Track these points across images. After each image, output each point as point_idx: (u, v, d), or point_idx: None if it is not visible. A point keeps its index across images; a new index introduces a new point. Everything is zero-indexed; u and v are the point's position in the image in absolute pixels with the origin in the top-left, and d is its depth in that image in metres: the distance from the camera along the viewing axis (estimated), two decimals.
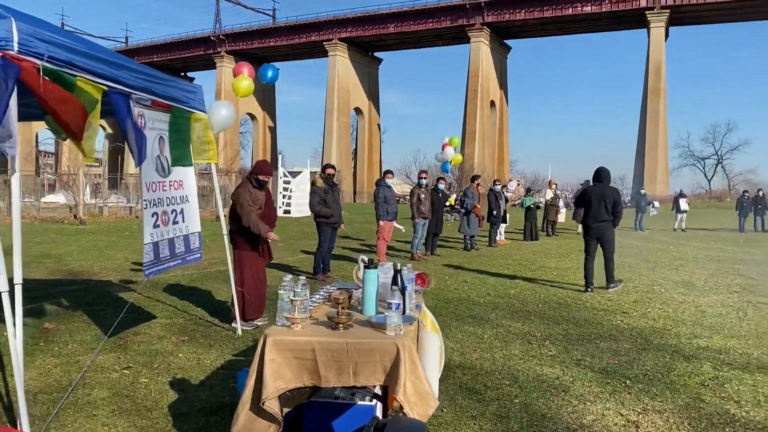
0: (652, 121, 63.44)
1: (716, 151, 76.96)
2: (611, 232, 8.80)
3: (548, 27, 71.03)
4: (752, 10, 62.67)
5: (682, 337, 6.05)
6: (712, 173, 78.28)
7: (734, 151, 77.35)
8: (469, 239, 14.73)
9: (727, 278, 10.32)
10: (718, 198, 63.50)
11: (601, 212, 8.66)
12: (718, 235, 21.63)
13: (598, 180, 8.90)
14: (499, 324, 6.52)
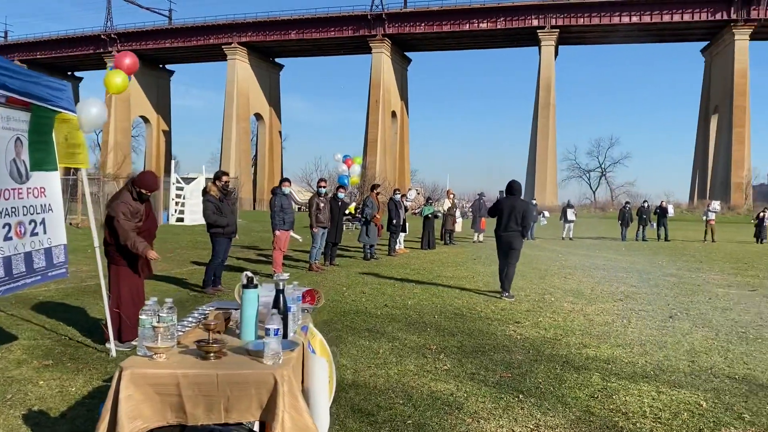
0: (542, 135, 66.63)
1: (600, 164, 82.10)
2: (519, 242, 9.22)
3: (447, 41, 73.03)
4: (630, 34, 67.42)
5: (572, 347, 6.14)
6: (597, 185, 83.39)
7: (616, 164, 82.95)
8: (369, 249, 14.61)
9: (612, 286, 10.78)
10: (602, 208, 67.53)
11: (510, 223, 9.11)
12: (602, 244, 22.82)
13: (510, 192, 9.40)
14: (395, 337, 6.37)
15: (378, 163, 69.10)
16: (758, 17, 60.07)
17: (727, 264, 15.53)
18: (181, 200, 27.78)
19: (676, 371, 5.28)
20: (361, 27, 70.37)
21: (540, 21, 64.91)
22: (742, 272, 13.64)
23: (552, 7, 64.26)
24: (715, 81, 68.57)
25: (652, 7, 62.19)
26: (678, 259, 16.79)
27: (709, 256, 18.05)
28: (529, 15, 65.21)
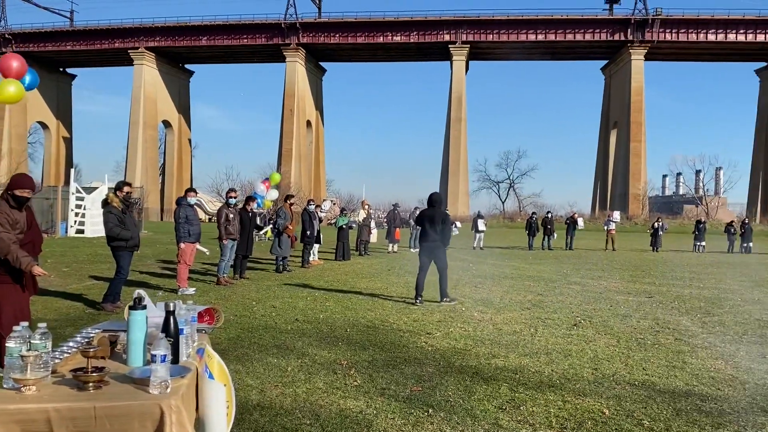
0: (454, 147, 68.20)
1: (509, 175, 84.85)
2: (441, 251, 9.65)
3: (361, 52, 73.53)
4: (536, 51, 70.48)
5: (482, 357, 6.18)
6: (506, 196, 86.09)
7: (524, 176, 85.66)
8: (281, 261, 14.30)
9: (520, 295, 11.04)
10: (510, 218, 69.82)
11: (431, 233, 9.57)
12: (511, 253, 23.50)
13: (431, 204, 9.88)
14: (305, 353, 6.18)
15: (293, 173, 68.36)
16: (652, 39, 64.29)
17: (626, 272, 16.33)
18: (82, 211, 26.27)
19: (581, 379, 5.40)
20: (275, 35, 69.63)
21: (452, 36, 66.61)
22: (640, 279, 14.37)
23: (463, 23, 66.12)
24: (614, 98, 72.71)
25: (557, 26, 65.24)
26: (581, 267, 17.50)
27: (610, 264, 18.94)
28: (441, 30, 66.80)
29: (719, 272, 16.93)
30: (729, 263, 20.72)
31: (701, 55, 70.79)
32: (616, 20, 65.67)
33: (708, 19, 63.30)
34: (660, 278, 14.77)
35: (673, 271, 17.03)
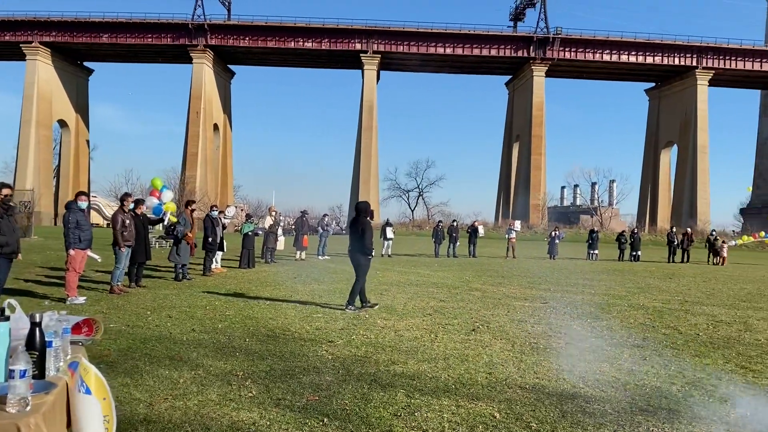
0: (365, 155, 68.63)
1: (418, 184, 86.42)
2: (363, 259, 9.94)
3: (271, 57, 72.65)
4: (445, 64, 72.34)
5: (381, 364, 6.20)
6: (415, 204, 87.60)
7: (432, 185, 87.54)
8: (181, 268, 13.80)
9: (423, 301, 11.20)
10: (419, 226, 70.96)
11: (353, 242, 9.98)
12: (418, 260, 23.87)
13: (356, 212, 10.18)
14: (199, 364, 5.97)
15: (198, 177, 66.42)
16: (552, 56, 67.58)
17: (524, 279, 16.97)
18: None
19: (475, 384, 5.53)
20: (181, 36, 67.54)
21: (363, 45, 67.16)
22: (537, 286, 14.97)
23: (374, 33, 66.83)
24: (517, 112, 75.79)
25: (464, 40, 67.25)
26: (483, 274, 18.02)
27: (510, 271, 19.63)
28: (352, 39, 67.19)
29: (610, 279, 17.93)
30: (619, 271, 22.00)
31: (597, 73, 75.16)
32: (519, 37, 68.56)
33: (603, 41, 67.32)
34: (555, 285, 15.45)
35: (567, 278, 17.88)
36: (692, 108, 69.28)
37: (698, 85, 68.63)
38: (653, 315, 10.46)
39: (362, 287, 10.09)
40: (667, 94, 75.33)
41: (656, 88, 77.54)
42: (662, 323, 9.58)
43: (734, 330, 9.16)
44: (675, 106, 73.44)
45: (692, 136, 69.32)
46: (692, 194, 68.98)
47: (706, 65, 68.31)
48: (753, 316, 10.72)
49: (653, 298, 13.18)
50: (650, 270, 22.81)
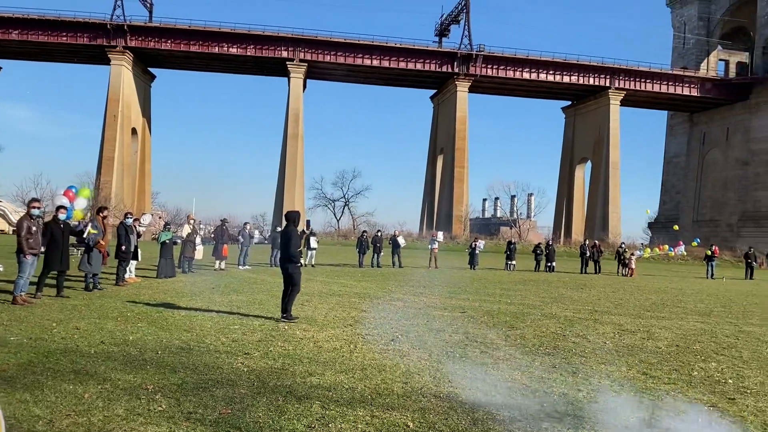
0: (290, 164, 68.07)
1: (344, 194, 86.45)
2: (293, 267, 9.88)
3: (195, 61, 71.00)
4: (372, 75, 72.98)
5: (298, 375, 6.15)
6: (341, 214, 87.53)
7: (358, 195, 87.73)
8: (91, 278, 13.19)
9: (345, 312, 11.19)
10: (344, 236, 70.95)
11: (282, 251, 9.99)
12: (341, 270, 23.84)
13: (287, 222, 10.17)
14: (107, 378, 5.72)
15: (114, 183, 63.86)
16: (475, 73, 69.46)
17: (445, 289, 17.26)
18: None
19: (391, 394, 5.57)
20: (99, 36, 64.92)
21: (289, 53, 66.74)
22: (456, 296, 15.27)
23: (301, 42, 66.57)
24: (441, 125, 77.33)
25: (390, 53, 68.06)
26: (405, 284, 18.20)
27: (432, 281, 19.92)
28: (279, 46, 66.65)
29: (525, 289, 18.52)
30: (534, 281, 22.77)
31: (517, 90, 77.82)
32: (444, 53, 70.09)
33: (523, 59, 69.83)
34: (474, 294, 15.81)
35: (486, 287, 18.33)
36: (605, 126, 72.85)
37: (611, 104, 72.29)
38: (564, 324, 10.88)
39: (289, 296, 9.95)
40: (582, 112, 78.90)
41: (572, 106, 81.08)
42: (572, 332, 9.98)
43: (638, 338, 9.66)
44: (589, 124, 77.00)
45: (605, 152, 72.84)
46: (604, 208, 72.39)
47: (618, 86, 72.07)
48: (656, 325, 11.34)
49: (565, 307, 13.72)
50: (563, 280, 23.72)
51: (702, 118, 79.23)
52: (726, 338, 10.12)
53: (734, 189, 73.36)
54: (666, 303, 16.09)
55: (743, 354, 8.66)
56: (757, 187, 70.59)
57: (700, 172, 79.15)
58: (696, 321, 12.34)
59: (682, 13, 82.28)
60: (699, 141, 79.75)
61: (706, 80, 73.98)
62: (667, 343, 9.32)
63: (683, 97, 73.91)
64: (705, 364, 7.77)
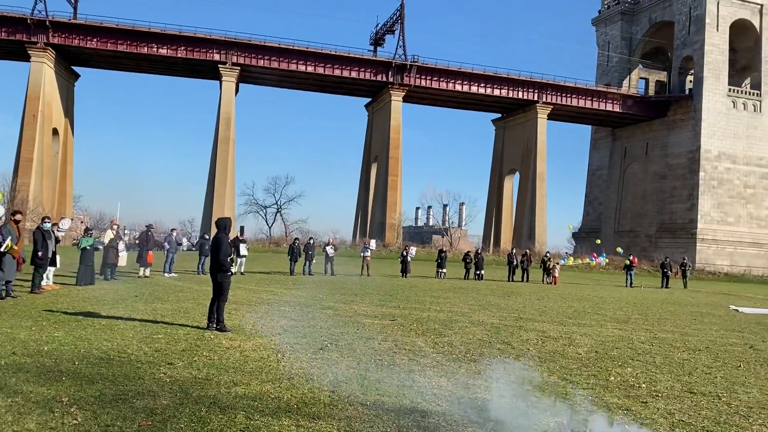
0: (221, 169, 66.72)
1: (276, 201, 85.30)
2: (222, 276, 9.80)
3: (123, 61, 68.65)
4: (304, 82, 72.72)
5: (223, 385, 6.04)
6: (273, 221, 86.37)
7: (291, 202, 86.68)
8: (4, 285, 12.50)
9: (273, 320, 11.06)
10: (276, 243, 70.05)
11: (213, 259, 9.87)
12: (272, 278, 23.54)
13: (217, 228, 10.04)
14: (18, 391, 5.44)
15: (32, 185, 60.76)
16: (409, 83, 70.28)
17: (376, 296, 17.33)
18: None
19: (318, 403, 5.55)
20: (18, 31, 61.74)
21: (222, 56, 65.50)
22: (387, 303, 15.36)
23: (234, 45, 65.48)
24: (376, 134, 77.74)
25: (325, 60, 67.93)
26: (337, 292, 18.16)
27: (363, 289, 19.96)
28: (211, 49, 65.31)
29: (455, 297, 18.84)
30: (464, 288, 23.19)
31: (450, 101, 79.25)
32: (379, 62, 70.57)
33: (456, 71, 71.17)
34: (404, 302, 15.95)
35: (416, 295, 18.53)
36: (533, 139, 75.15)
37: (538, 118, 74.64)
38: (491, 331, 11.14)
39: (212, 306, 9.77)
40: (511, 125, 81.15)
41: (502, 119, 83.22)
42: (498, 339, 10.24)
43: (560, 345, 10.01)
44: (518, 137, 79.27)
45: (532, 164, 75.11)
46: (531, 218, 74.55)
47: (545, 100, 74.51)
48: (577, 332, 11.78)
49: (492, 315, 14.05)
50: (491, 288, 24.26)
51: (623, 133, 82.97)
52: (641, 344, 10.62)
53: (652, 201, 77.10)
54: (587, 310, 16.74)
55: (656, 359, 9.11)
56: (673, 200, 74.46)
57: (621, 184, 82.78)
58: (614, 328, 12.90)
59: (606, 32, 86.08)
60: (620, 155, 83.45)
61: (627, 97, 77.56)
62: (587, 349, 9.70)
63: (606, 112, 77.17)
64: (621, 370, 8.13)
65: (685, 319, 16.08)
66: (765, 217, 73.17)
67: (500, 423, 5.18)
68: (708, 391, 7.07)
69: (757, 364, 9.21)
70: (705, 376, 7.99)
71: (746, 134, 72.44)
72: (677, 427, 5.53)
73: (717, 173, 71.38)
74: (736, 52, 76.11)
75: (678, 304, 21.32)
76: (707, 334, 12.89)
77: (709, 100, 71.11)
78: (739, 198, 72.20)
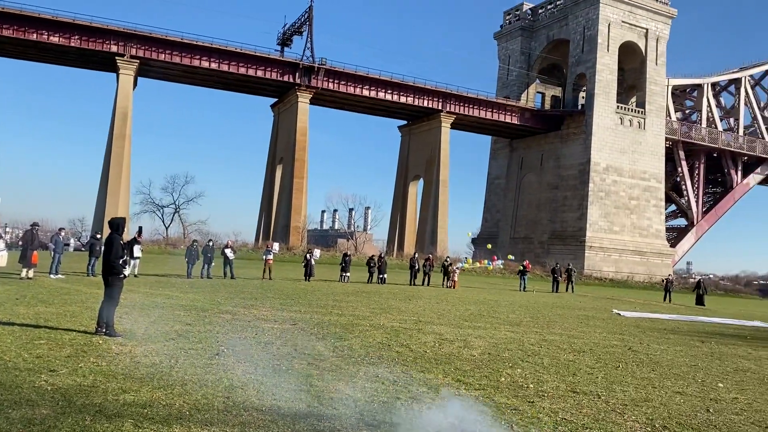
0: (115, 166, 63.58)
1: (174, 200, 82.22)
2: (112, 278, 9.40)
3: (7, 47, 63.85)
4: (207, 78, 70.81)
5: (110, 393, 5.77)
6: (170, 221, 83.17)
7: (190, 202, 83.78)
8: None
9: (168, 325, 10.67)
10: (173, 245, 67.53)
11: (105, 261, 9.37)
12: (168, 281, 22.68)
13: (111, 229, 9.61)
14: None
15: None
16: (317, 85, 70.04)
17: (277, 300, 17.13)
18: None
19: (211, 409, 5.43)
20: None
21: (119, 48, 62.45)
22: (289, 308, 15.22)
23: (133, 37, 62.64)
24: (282, 135, 76.88)
25: (230, 57, 66.39)
26: (236, 296, 17.77)
27: (264, 293, 19.66)
28: (107, 39, 62.10)
29: (357, 300, 18.95)
30: (366, 292, 23.37)
31: (357, 106, 79.70)
32: (286, 62, 69.85)
33: (363, 76, 71.73)
34: (306, 306, 15.87)
35: (319, 299, 18.48)
36: (436, 147, 77.03)
37: (442, 126, 76.64)
38: (390, 334, 11.31)
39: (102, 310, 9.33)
40: (416, 132, 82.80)
41: (408, 125, 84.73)
42: (397, 341, 10.42)
43: (455, 347, 10.32)
44: (422, 144, 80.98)
45: (436, 171, 76.98)
46: (434, 223, 76.34)
47: (449, 110, 76.63)
48: (472, 334, 12.19)
49: (392, 318, 14.26)
50: (393, 292, 24.61)
51: (521, 144, 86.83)
52: (531, 346, 11.15)
53: (546, 210, 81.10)
54: (483, 314, 17.35)
55: (544, 361, 9.60)
56: (565, 209, 78.67)
57: (517, 193, 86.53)
58: (507, 330, 13.46)
59: (506, 47, 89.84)
60: (517, 165, 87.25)
61: (525, 110, 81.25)
62: (481, 351, 10.07)
63: (505, 124, 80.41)
64: (512, 371, 8.50)
65: (572, 322, 17.03)
66: (646, 227, 78.83)
67: (394, 425, 5.28)
68: (590, 391, 7.53)
69: (634, 365, 9.91)
70: (587, 377, 8.51)
71: (632, 149, 77.86)
72: (560, 425, 5.85)
73: (605, 185, 76.17)
74: (624, 72, 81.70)
75: (566, 308, 22.53)
76: (591, 336, 13.72)
77: (599, 116, 75.85)
78: (624, 208, 77.40)
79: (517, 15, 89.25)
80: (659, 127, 79.87)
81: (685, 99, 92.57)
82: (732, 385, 8.68)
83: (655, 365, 10.00)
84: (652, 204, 79.27)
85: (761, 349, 13.46)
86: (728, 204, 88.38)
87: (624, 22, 77.47)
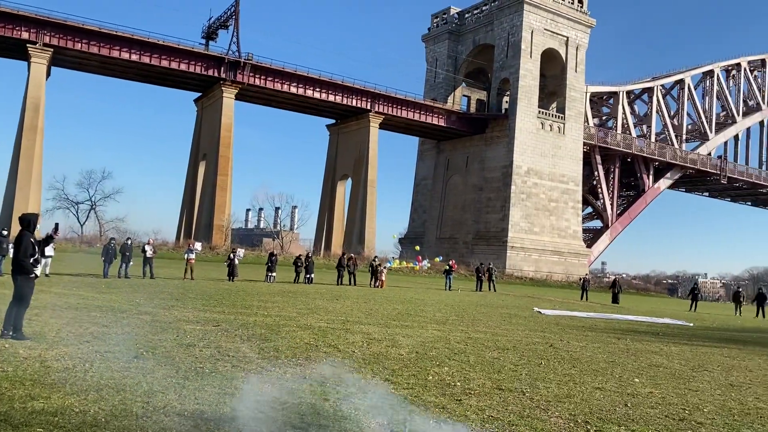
0: (25, 159, 60.11)
1: (90, 197, 78.51)
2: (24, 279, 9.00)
3: None
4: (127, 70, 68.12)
5: (17, 400, 5.38)
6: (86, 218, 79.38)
7: (107, 199, 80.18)
8: None
9: (82, 327, 10.13)
10: (88, 243, 64.51)
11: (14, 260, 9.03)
12: (82, 281, 21.61)
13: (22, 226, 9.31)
14: None
15: None
16: (243, 81, 68.63)
17: (199, 301, 16.62)
18: None
19: (129, 415, 5.16)
20: None
21: (32, 35, 59.05)
22: (212, 308, 14.79)
23: (47, 24, 59.37)
24: (205, 131, 74.89)
25: (151, 49, 64.08)
26: (156, 297, 17.12)
27: (186, 293, 19.04)
28: (18, 25, 58.60)
29: (283, 301, 18.65)
30: (292, 292, 23.06)
31: (285, 103, 78.72)
32: (211, 56, 68.09)
33: (291, 73, 70.88)
34: (230, 307, 15.47)
35: (243, 299, 18.07)
36: (365, 146, 77.15)
37: (370, 126, 76.83)
38: (318, 334, 11.17)
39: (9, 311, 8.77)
40: (345, 131, 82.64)
41: (336, 124, 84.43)
42: (325, 342, 10.30)
43: (383, 346, 10.31)
44: (351, 143, 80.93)
45: (364, 171, 77.07)
46: (362, 223, 76.45)
47: (378, 110, 76.91)
48: (400, 334, 12.22)
49: (320, 318, 14.11)
50: (320, 292, 24.41)
51: (447, 146, 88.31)
52: (457, 344, 11.29)
53: (471, 211, 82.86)
54: (410, 312, 17.47)
55: (470, 358, 9.73)
56: (488, 210, 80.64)
57: (443, 194, 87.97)
58: (434, 329, 13.59)
59: (434, 50, 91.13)
60: (444, 166, 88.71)
61: (451, 112, 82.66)
62: (408, 350, 10.10)
63: (432, 125, 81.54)
64: (439, 369, 8.56)
65: (496, 320, 17.41)
66: (565, 228, 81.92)
67: (323, 427, 5.18)
68: (514, 387, 7.67)
69: (555, 362, 10.20)
70: (512, 374, 8.68)
71: (552, 153, 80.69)
72: (488, 423, 5.92)
73: (526, 187, 78.61)
74: (546, 78, 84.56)
75: (490, 307, 23.04)
76: (515, 334, 14.06)
77: (522, 120, 78.19)
78: (544, 210, 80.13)
79: (444, 18, 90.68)
80: (578, 132, 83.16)
81: (602, 106, 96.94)
82: (647, 379, 9.08)
83: (576, 362, 10.33)
84: (570, 206, 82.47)
85: (672, 345, 14.19)
86: (640, 207, 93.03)
87: (546, 30, 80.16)
